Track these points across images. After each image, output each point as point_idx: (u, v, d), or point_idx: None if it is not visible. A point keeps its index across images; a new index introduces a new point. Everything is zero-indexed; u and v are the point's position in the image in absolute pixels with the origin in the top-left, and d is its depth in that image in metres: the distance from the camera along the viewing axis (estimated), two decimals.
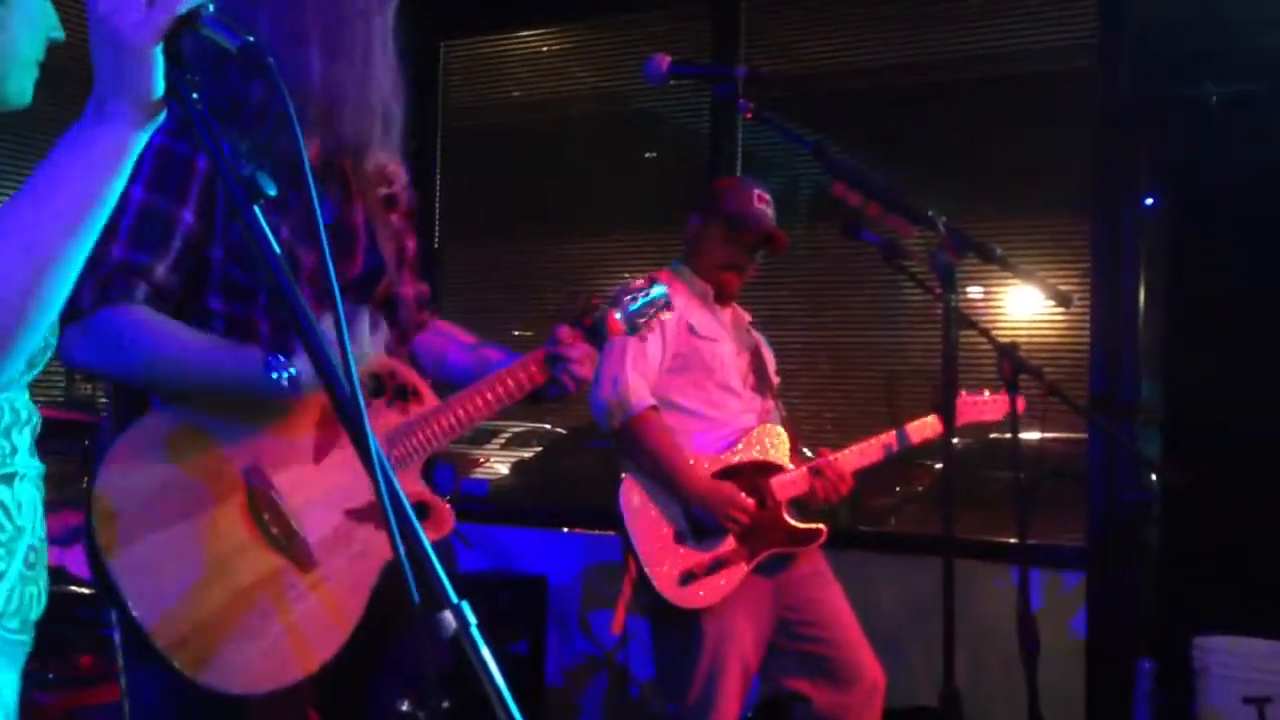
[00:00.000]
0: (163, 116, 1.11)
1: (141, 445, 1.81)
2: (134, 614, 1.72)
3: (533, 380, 2.04)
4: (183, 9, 1.07)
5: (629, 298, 2.17)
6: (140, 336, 1.76)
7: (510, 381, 2.03)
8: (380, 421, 1.92)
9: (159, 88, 1.08)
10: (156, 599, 1.74)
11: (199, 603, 1.76)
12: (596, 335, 2.10)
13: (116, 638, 2.70)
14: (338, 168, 1.96)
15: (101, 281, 1.75)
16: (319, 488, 1.86)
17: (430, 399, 1.97)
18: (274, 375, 1.69)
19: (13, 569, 1.26)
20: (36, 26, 1.26)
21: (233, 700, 1.77)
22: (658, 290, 2.21)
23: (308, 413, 1.86)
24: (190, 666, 1.74)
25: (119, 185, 1.10)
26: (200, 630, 1.75)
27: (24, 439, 1.29)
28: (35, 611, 1.31)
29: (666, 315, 2.25)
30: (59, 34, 1.29)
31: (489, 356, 2.13)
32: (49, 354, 1.31)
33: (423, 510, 1.92)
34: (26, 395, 1.32)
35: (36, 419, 1.33)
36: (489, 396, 2.02)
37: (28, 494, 1.28)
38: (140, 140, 1.11)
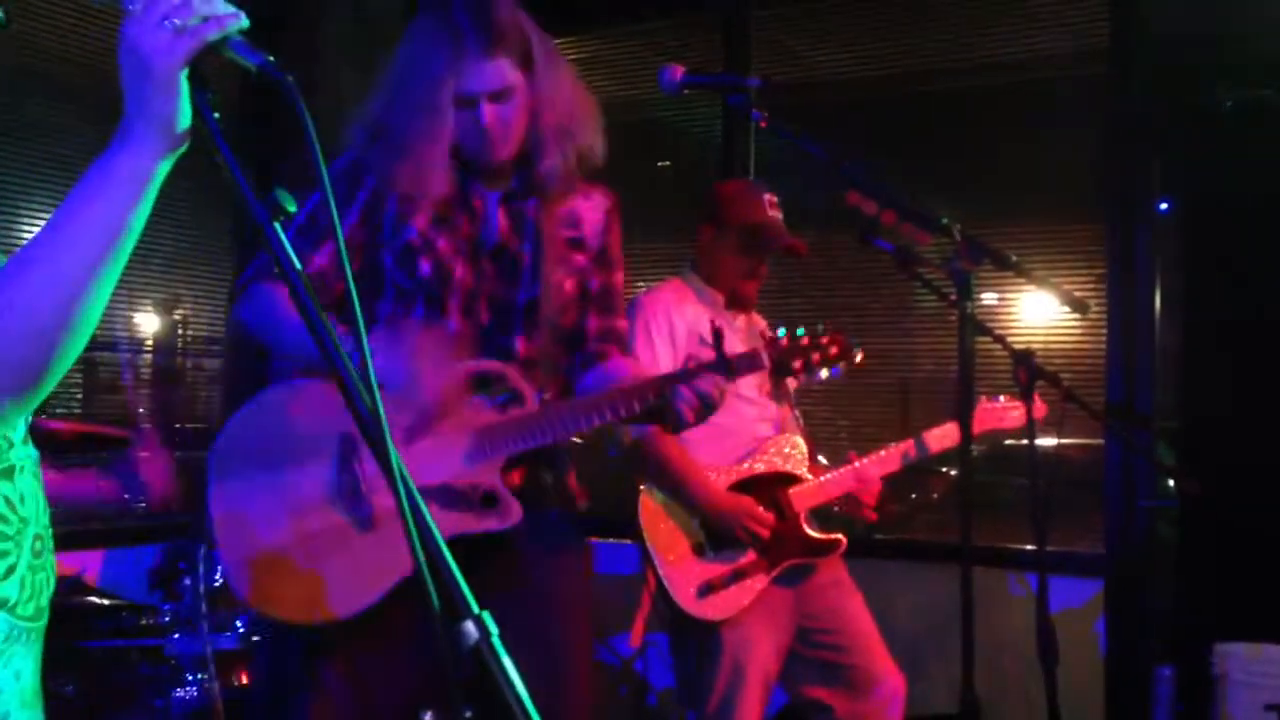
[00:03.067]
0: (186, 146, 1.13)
1: (261, 408, 2.18)
2: (213, 532, 2.11)
3: (642, 403, 2.15)
4: (213, 37, 1.08)
5: (786, 340, 2.23)
6: (278, 308, 2.13)
7: (620, 403, 2.15)
8: (476, 417, 2.14)
9: (184, 115, 1.09)
10: (234, 524, 2.12)
11: (267, 535, 2.11)
12: (729, 368, 2.16)
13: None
14: (515, 206, 2.25)
15: (257, 264, 2.20)
16: (402, 464, 2.02)
17: (533, 406, 2.15)
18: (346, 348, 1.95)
19: (22, 560, 1.28)
20: None
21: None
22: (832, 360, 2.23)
23: (411, 401, 2.10)
24: (243, 585, 2.10)
25: (144, 211, 1.11)
26: (262, 557, 2.10)
27: (18, 430, 1.31)
28: (46, 595, 1.34)
29: (821, 373, 2.25)
30: None
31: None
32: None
33: (490, 500, 2.12)
34: None
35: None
36: (590, 411, 2.15)
37: (28, 485, 1.30)
38: (164, 167, 1.12)
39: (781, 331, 2.23)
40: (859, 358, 2.24)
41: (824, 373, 2.23)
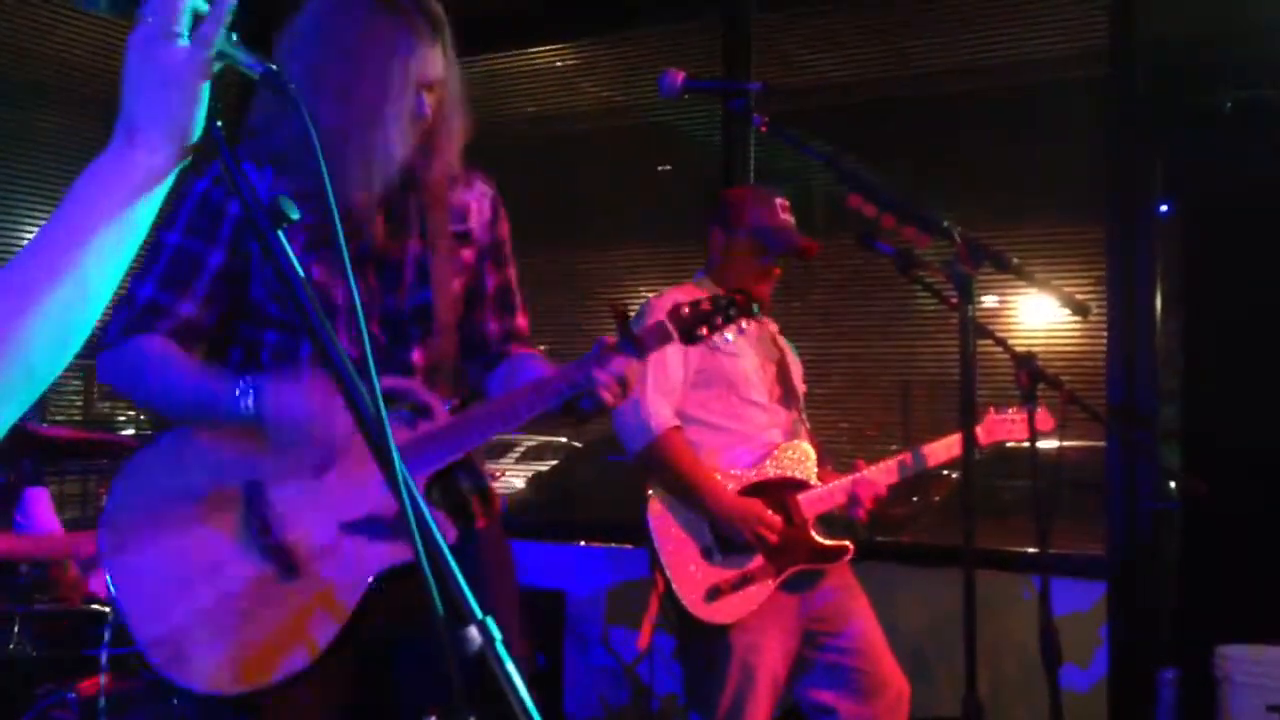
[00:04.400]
0: (190, 158, 1.12)
1: (153, 460, 2.03)
2: (121, 612, 1.95)
3: (557, 395, 2.02)
4: (217, 41, 1.07)
5: (688, 309, 2.14)
6: (148, 367, 1.98)
7: (532, 396, 2.03)
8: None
9: (199, 125, 1.09)
10: (141, 600, 1.95)
11: (181, 605, 1.94)
12: (638, 345, 2.07)
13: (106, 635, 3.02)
14: (393, 207, 2.07)
15: (130, 317, 1.99)
16: (316, 502, 1.97)
17: (443, 418, 2.01)
18: (238, 396, 1.89)
19: None
20: None
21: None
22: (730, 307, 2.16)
23: (314, 435, 1.94)
24: (165, 664, 1.93)
25: (151, 214, 1.11)
26: (178, 630, 1.93)
27: None
28: None
29: (729, 332, 2.18)
30: None
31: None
32: None
33: None
34: None
35: None
36: (505, 411, 2.03)
37: None
38: (172, 174, 1.11)
39: (687, 302, 2.14)
40: (757, 308, 2.18)
41: (729, 334, 2.17)
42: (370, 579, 1.95)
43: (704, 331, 2.13)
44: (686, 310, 2.13)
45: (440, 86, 2.02)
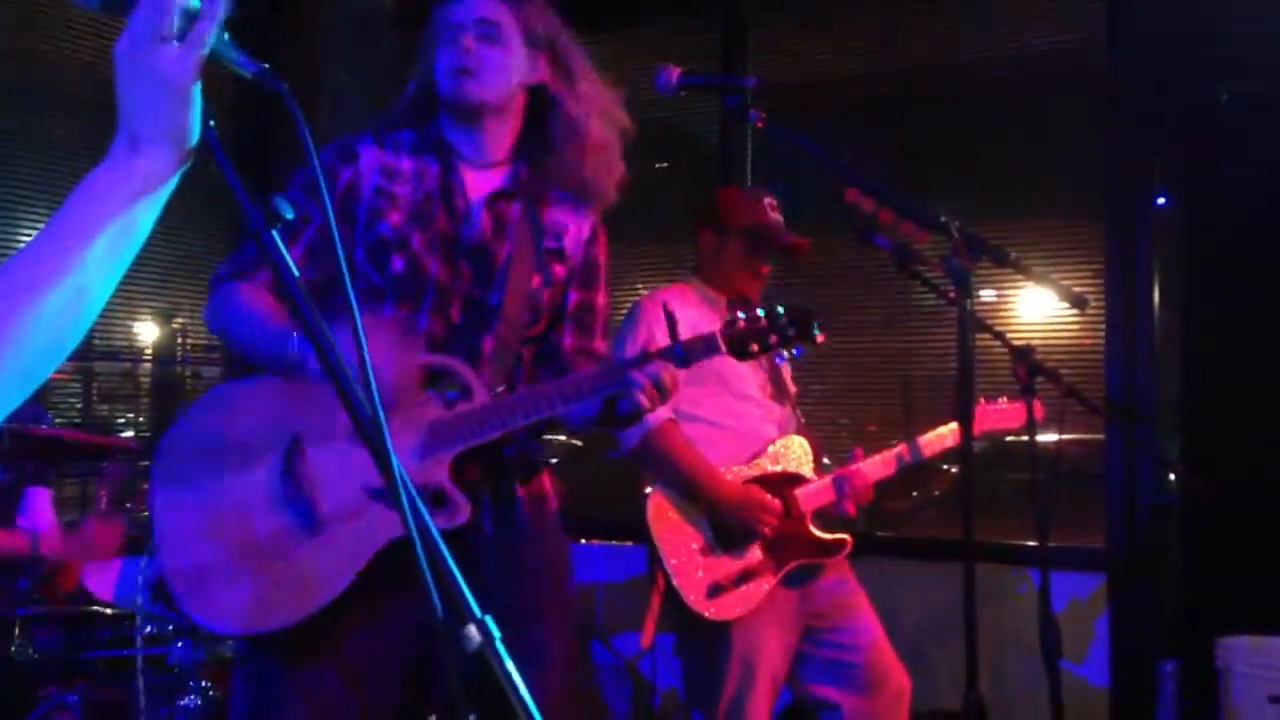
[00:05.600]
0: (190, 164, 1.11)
1: (221, 400, 2.17)
2: (155, 539, 2.04)
3: (594, 391, 2.07)
4: (211, 37, 1.07)
5: (744, 322, 2.12)
6: (233, 312, 2.09)
7: (571, 392, 2.07)
8: (425, 412, 2.06)
9: (196, 128, 1.08)
10: (175, 530, 2.03)
11: (208, 543, 2.02)
12: (684, 353, 2.09)
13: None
14: (501, 207, 2.20)
15: (236, 265, 2.13)
16: (347, 464, 2.01)
17: (482, 400, 2.07)
18: (287, 340, 1.97)
19: None
20: None
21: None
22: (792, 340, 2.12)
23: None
24: (182, 596, 2.01)
25: (152, 218, 1.10)
26: (201, 566, 2.01)
27: None
28: None
29: (780, 354, 2.17)
30: None
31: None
32: None
33: (439, 499, 2.02)
34: None
35: None
36: (540, 400, 2.07)
37: None
38: (173, 181, 1.11)
39: (742, 315, 2.12)
40: (820, 338, 2.12)
41: (785, 355, 2.16)
42: (383, 541, 1.99)
43: (755, 349, 2.12)
44: (742, 323, 2.11)
45: (497, 33, 2.17)
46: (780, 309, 2.12)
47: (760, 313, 2.12)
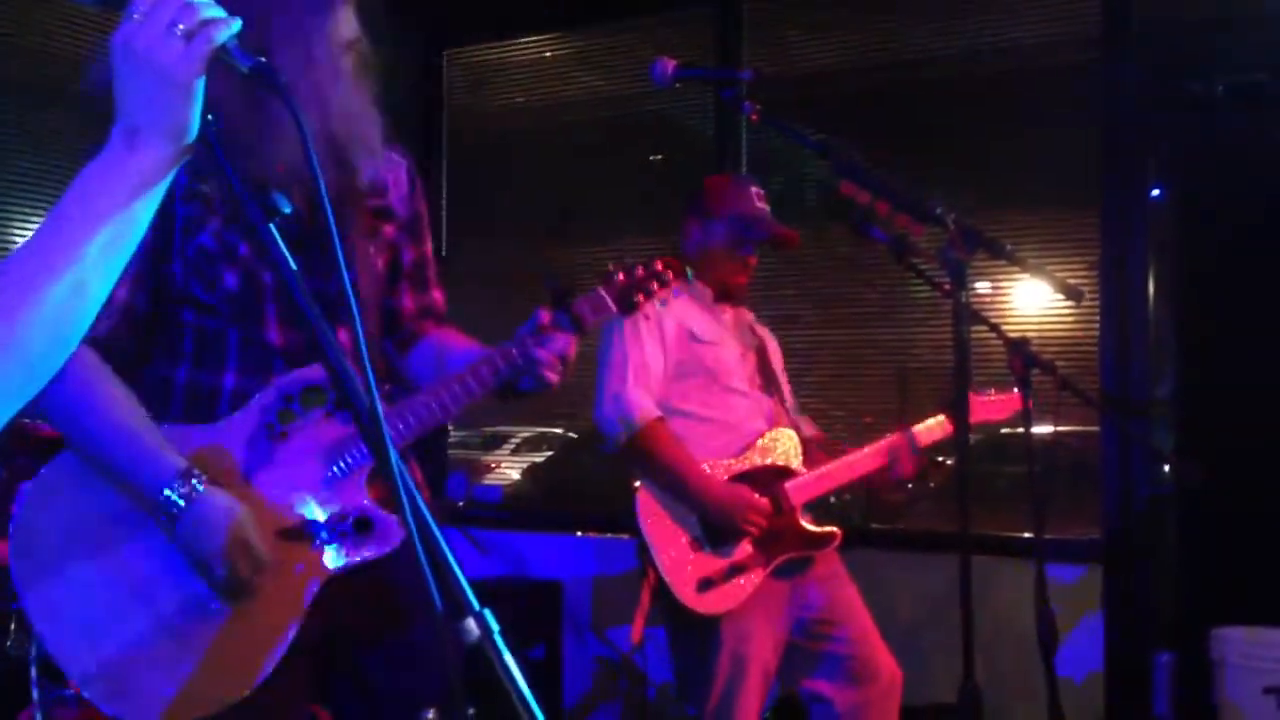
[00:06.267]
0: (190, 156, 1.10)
1: (61, 477, 1.83)
2: (47, 650, 1.77)
3: (496, 375, 1.94)
4: (220, 39, 1.06)
5: (622, 275, 2.07)
6: (94, 396, 1.77)
7: (474, 380, 1.93)
8: (322, 434, 1.87)
9: (195, 123, 1.08)
10: (69, 634, 1.77)
11: (114, 634, 1.77)
12: (577, 321, 2.00)
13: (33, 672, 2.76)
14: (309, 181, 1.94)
15: None
16: (247, 510, 1.81)
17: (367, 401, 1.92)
18: (167, 494, 1.73)
19: None
20: None
21: None
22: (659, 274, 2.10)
23: (235, 433, 1.84)
24: (103, 698, 1.75)
25: (150, 212, 1.10)
26: (113, 662, 1.76)
27: None
28: None
29: (662, 298, 2.13)
30: None
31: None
32: None
33: (363, 524, 1.86)
34: None
35: None
36: (444, 397, 1.93)
37: None
38: (172, 173, 1.10)
39: (620, 270, 2.07)
40: (691, 274, 2.15)
41: (662, 300, 2.12)
42: (316, 588, 1.84)
43: (640, 298, 2.07)
44: (623, 277, 2.06)
45: (355, 46, 1.89)
46: (652, 259, 2.10)
47: (636, 264, 2.08)
